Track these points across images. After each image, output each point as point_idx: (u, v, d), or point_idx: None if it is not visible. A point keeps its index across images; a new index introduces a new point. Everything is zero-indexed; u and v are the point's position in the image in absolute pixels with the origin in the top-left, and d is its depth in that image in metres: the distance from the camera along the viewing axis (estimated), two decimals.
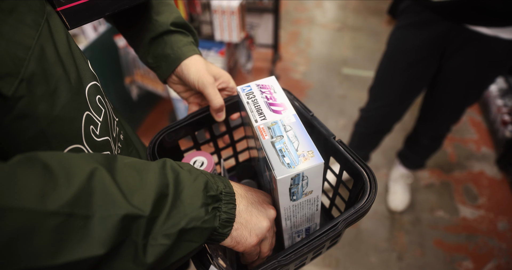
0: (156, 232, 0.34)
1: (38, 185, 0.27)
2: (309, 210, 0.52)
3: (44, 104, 0.34)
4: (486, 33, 1.10)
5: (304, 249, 0.43)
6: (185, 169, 0.40)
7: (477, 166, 2.04)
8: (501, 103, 2.16)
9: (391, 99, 1.45)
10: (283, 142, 0.45)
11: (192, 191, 0.38)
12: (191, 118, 0.61)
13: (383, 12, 3.48)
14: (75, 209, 0.28)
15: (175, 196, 0.36)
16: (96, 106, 0.43)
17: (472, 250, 1.64)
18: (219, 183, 0.42)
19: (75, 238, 0.28)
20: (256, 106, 0.51)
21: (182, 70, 0.59)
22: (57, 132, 0.36)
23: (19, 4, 0.33)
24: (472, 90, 1.30)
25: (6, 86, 0.30)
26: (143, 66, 1.88)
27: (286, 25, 3.34)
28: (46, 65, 0.35)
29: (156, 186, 0.35)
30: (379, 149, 2.08)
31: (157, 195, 0.34)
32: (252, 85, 0.55)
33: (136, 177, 0.34)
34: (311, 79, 2.69)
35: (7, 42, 0.31)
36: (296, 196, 0.46)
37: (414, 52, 1.27)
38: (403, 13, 1.29)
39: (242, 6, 1.77)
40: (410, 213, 1.81)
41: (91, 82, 0.43)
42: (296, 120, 0.48)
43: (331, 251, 1.65)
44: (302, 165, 0.42)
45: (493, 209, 1.82)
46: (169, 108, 2.37)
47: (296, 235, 0.58)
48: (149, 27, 0.59)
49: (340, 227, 0.44)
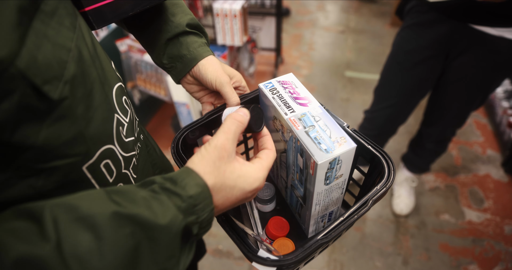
0: None
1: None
2: (336, 193, 0.56)
3: (83, 105, 0.34)
4: (491, 33, 1.09)
5: (341, 227, 0.46)
6: (159, 214, 0.32)
7: (483, 169, 2.02)
8: (507, 105, 2.14)
9: (396, 100, 1.44)
10: (316, 131, 0.48)
11: (170, 249, 0.32)
12: (208, 117, 0.62)
13: (386, 15, 3.48)
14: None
15: (149, 258, 0.31)
16: (123, 107, 0.44)
17: (479, 254, 1.62)
18: (200, 217, 0.35)
19: None
20: (282, 101, 0.54)
21: (199, 70, 0.61)
22: (93, 133, 0.36)
23: (59, 7, 0.33)
24: (477, 92, 1.29)
25: (53, 89, 0.30)
26: (145, 70, 1.88)
27: (289, 28, 3.34)
28: (84, 67, 0.35)
29: (120, 258, 0.29)
30: None
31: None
32: (273, 82, 0.58)
33: (90, 241, 0.28)
34: (314, 82, 2.68)
35: (53, 45, 0.31)
36: (329, 180, 0.50)
37: (419, 52, 1.27)
38: (408, 13, 1.29)
39: (244, 10, 1.77)
40: (415, 217, 1.79)
41: (117, 83, 0.44)
42: (323, 111, 0.52)
43: (336, 256, 1.63)
44: (338, 149, 0.46)
45: (499, 212, 1.79)
46: (172, 112, 2.37)
47: (320, 220, 0.61)
48: (164, 28, 0.60)
49: (370, 204, 0.48)
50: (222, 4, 1.72)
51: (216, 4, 1.71)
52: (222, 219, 0.50)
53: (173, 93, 1.88)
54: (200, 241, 0.98)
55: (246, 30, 1.86)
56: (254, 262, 0.43)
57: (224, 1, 1.75)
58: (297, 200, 0.62)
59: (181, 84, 0.66)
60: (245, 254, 0.44)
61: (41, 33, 0.30)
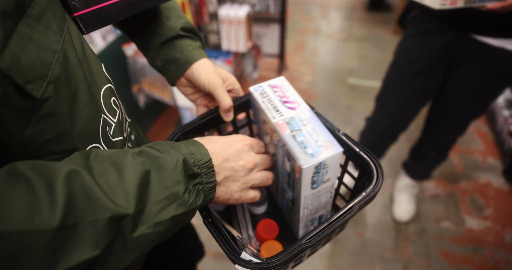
0: (148, 221, 0.35)
1: (25, 206, 0.28)
2: (324, 197, 0.56)
3: (67, 105, 0.36)
4: (493, 44, 1.10)
5: (326, 231, 0.46)
6: (163, 152, 0.40)
7: (484, 177, 2.02)
8: (508, 113, 2.15)
9: (397, 108, 1.46)
10: (303, 135, 0.48)
11: (174, 176, 0.39)
12: (201, 119, 0.63)
13: (388, 22, 3.51)
14: (63, 221, 0.29)
15: (159, 183, 0.37)
16: (111, 108, 0.45)
17: (479, 262, 1.62)
18: (195, 156, 0.43)
19: (69, 246, 0.29)
20: (271, 104, 0.54)
21: (192, 73, 0.61)
22: (79, 132, 0.38)
23: (46, 11, 0.35)
24: (478, 101, 1.30)
25: (36, 88, 0.32)
26: (150, 74, 1.90)
27: (292, 35, 3.37)
28: (69, 69, 0.37)
29: (136, 178, 0.35)
30: (385, 159, 2.08)
31: (139, 188, 0.35)
32: (264, 85, 0.58)
33: (114, 172, 0.35)
34: (317, 88, 2.70)
35: (37, 47, 0.33)
36: (316, 184, 0.50)
37: (421, 61, 1.28)
38: (411, 22, 1.30)
39: (249, 16, 1.79)
40: (416, 224, 1.80)
41: (106, 85, 0.45)
42: (311, 115, 0.52)
43: (336, 261, 1.64)
44: (324, 154, 0.46)
45: (500, 220, 1.80)
46: (176, 116, 2.39)
47: (310, 223, 0.61)
48: (159, 32, 0.61)
49: (356, 209, 0.48)
50: (228, 10, 1.75)
51: (222, 11, 1.74)
52: (208, 221, 0.50)
53: (178, 97, 1.91)
54: (198, 243, 0.99)
55: (250, 36, 1.89)
56: (236, 264, 0.44)
57: (229, 7, 1.78)
58: (287, 203, 0.62)
59: (176, 87, 0.67)
60: (228, 256, 0.45)
61: (26, 36, 0.31)
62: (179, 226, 0.41)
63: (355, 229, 1.78)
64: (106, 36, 1.74)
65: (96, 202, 0.31)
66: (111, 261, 0.33)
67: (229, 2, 1.85)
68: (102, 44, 1.71)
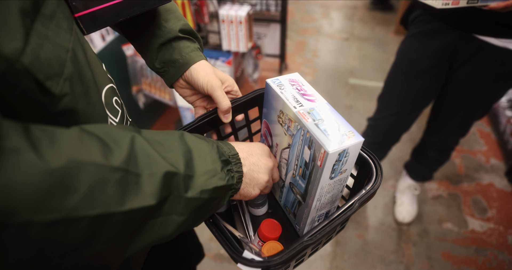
0: (195, 188, 0.40)
1: (99, 148, 0.32)
2: (337, 190, 0.57)
3: (82, 102, 0.38)
4: (496, 44, 1.09)
5: (327, 228, 0.47)
6: (200, 138, 0.45)
7: (486, 178, 2.01)
8: (511, 114, 2.13)
9: (399, 108, 1.45)
10: (325, 124, 0.50)
11: (212, 157, 0.44)
12: (200, 121, 0.63)
13: (390, 22, 3.49)
14: (129, 167, 0.33)
15: (200, 161, 0.42)
16: (113, 108, 0.46)
17: (482, 264, 1.61)
18: (224, 148, 0.48)
19: (133, 190, 0.33)
20: (291, 95, 0.55)
21: (191, 74, 0.62)
22: None
23: (57, 11, 0.36)
24: (480, 102, 1.29)
25: (54, 85, 0.33)
26: (150, 75, 1.89)
27: (293, 35, 3.36)
28: (79, 67, 0.38)
29: (181, 151, 0.40)
30: (386, 160, 2.06)
31: (184, 158, 0.40)
32: (281, 78, 0.59)
33: (161, 145, 0.39)
34: (318, 89, 2.69)
35: (53, 45, 0.34)
36: (334, 174, 0.52)
37: (423, 61, 1.27)
38: (413, 22, 1.29)
39: (250, 16, 1.78)
40: (418, 225, 1.78)
41: (108, 84, 0.46)
42: (330, 107, 0.53)
43: (338, 262, 1.63)
44: (347, 142, 0.48)
45: (503, 221, 1.79)
46: (176, 116, 2.38)
47: (317, 220, 0.62)
48: (158, 33, 0.61)
49: (356, 206, 0.50)
50: (228, 10, 1.74)
51: (222, 11, 1.73)
52: (210, 221, 0.51)
53: (178, 98, 1.90)
54: (198, 245, 0.99)
55: (251, 36, 1.87)
56: (239, 263, 0.44)
57: (230, 7, 1.77)
58: (295, 198, 0.62)
59: (174, 88, 0.67)
60: (230, 255, 0.45)
61: (42, 34, 0.33)
62: (213, 206, 0.45)
63: (357, 230, 1.77)
64: (105, 36, 1.73)
65: (153, 159, 0.36)
66: (160, 223, 0.37)
67: (230, 2, 1.84)
68: (102, 44, 1.70)
